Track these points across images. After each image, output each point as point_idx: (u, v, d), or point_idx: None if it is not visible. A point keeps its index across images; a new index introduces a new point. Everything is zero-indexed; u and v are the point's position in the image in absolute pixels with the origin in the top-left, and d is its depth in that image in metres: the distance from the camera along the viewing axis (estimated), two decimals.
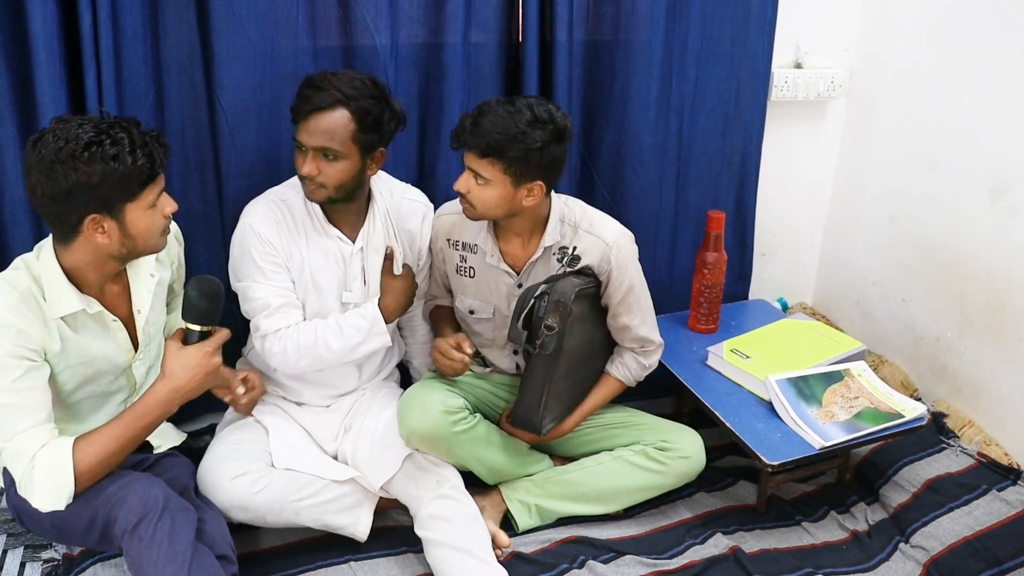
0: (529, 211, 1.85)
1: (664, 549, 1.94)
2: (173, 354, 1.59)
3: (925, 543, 1.93)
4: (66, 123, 1.48)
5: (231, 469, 1.79)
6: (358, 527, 1.88)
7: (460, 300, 2.01)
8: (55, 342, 1.57)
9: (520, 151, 1.71)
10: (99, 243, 1.54)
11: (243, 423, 1.95)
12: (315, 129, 1.75)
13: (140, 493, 1.56)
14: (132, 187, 1.51)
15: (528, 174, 1.75)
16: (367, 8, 2.04)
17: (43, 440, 1.53)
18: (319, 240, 1.90)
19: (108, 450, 1.56)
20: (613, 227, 1.92)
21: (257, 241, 1.85)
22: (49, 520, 1.62)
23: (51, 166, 1.45)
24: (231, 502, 1.77)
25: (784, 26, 2.41)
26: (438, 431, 1.84)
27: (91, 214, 1.50)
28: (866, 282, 2.65)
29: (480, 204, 1.79)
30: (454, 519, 1.81)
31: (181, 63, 1.98)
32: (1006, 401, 2.19)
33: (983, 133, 2.19)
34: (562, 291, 1.83)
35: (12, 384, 1.51)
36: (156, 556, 1.52)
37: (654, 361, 2.05)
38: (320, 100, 1.74)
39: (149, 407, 1.59)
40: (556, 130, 1.74)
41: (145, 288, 1.71)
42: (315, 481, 1.84)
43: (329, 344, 1.86)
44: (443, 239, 1.98)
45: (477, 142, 1.73)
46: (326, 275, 1.92)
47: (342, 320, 1.88)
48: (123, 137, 1.48)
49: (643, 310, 1.98)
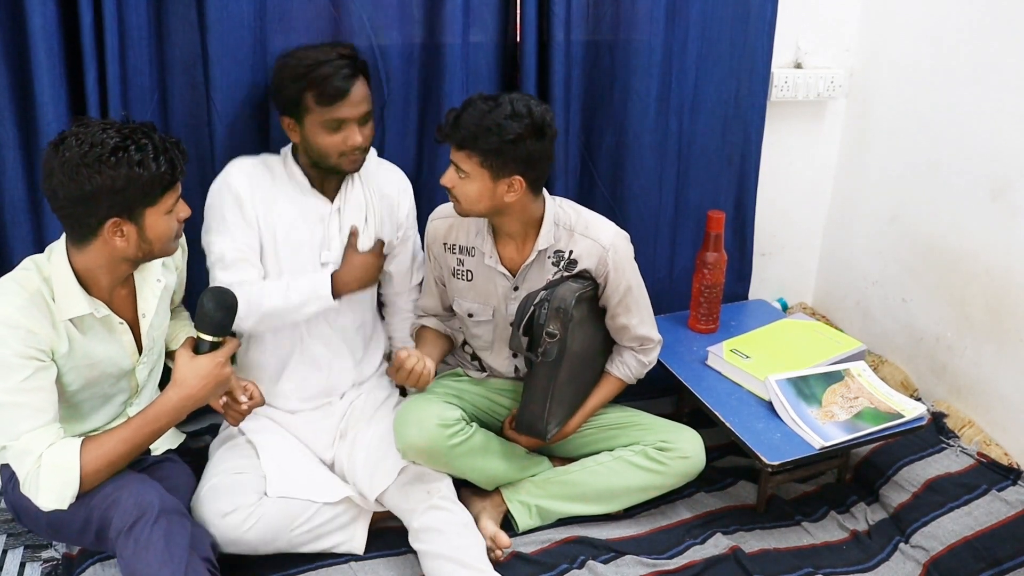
0: (517, 210, 1.84)
1: (664, 549, 1.94)
2: (185, 363, 1.62)
3: (925, 543, 1.93)
4: (88, 127, 1.50)
5: (222, 505, 1.76)
6: (354, 543, 1.88)
7: (458, 304, 2.01)
8: (63, 343, 1.58)
9: (494, 143, 1.72)
10: (117, 246, 1.55)
11: (236, 443, 1.93)
12: (358, 98, 1.82)
13: (135, 495, 1.57)
14: (154, 192, 1.54)
15: (505, 168, 1.75)
16: (363, 8, 2.04)
17: (50, 440, 1.54)
18: (298, 198, 1.92)
19: (116, 452, 1.58)
20: (609, 229, 1.92)
21: (228, 194, 1.86)
22: (46, 519, 1.63)
23: (76, 169, 1.46)
24: (223, 538, 1.75)
25: (784, 26, 2.41)
26: (435, 445, 1.84)
27: (112, 217, 1.52)
28: (866, 282, 2.65)
29: (463, 199, 1.80)
30: (446, 529, 1.81)
31: (184, 63, 1.99)
32: (1006, 401, 2.19)
33: (983, 133, 2.19)
34: (562, 297, 1.83)
35: (20, 384, 1.52)
36: (151, 558, 1.52)
37: (653, 358, 2.06)
38: (350, 69, 1.79)
39: (160, 413, 1.61)
40: (533, 124, 1.74)
41: (151, 293, 1.72)
42: (308, 507, 1.82)
43: (274, 301, 1.86)
44: (439, 243, 1.98)
45: (455, 134, 1.75)
46: (303, 233, 1.92)
47: (292, 282, 1.88)
48: (147, 143, 1.51)
49: (641, 309, 1.99)
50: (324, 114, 1.79)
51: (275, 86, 1.84)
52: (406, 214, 2.06)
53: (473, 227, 1.94)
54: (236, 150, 2.04)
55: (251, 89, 2.01)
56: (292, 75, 1.79)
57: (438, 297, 2.06)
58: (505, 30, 2.19)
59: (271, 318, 1.88)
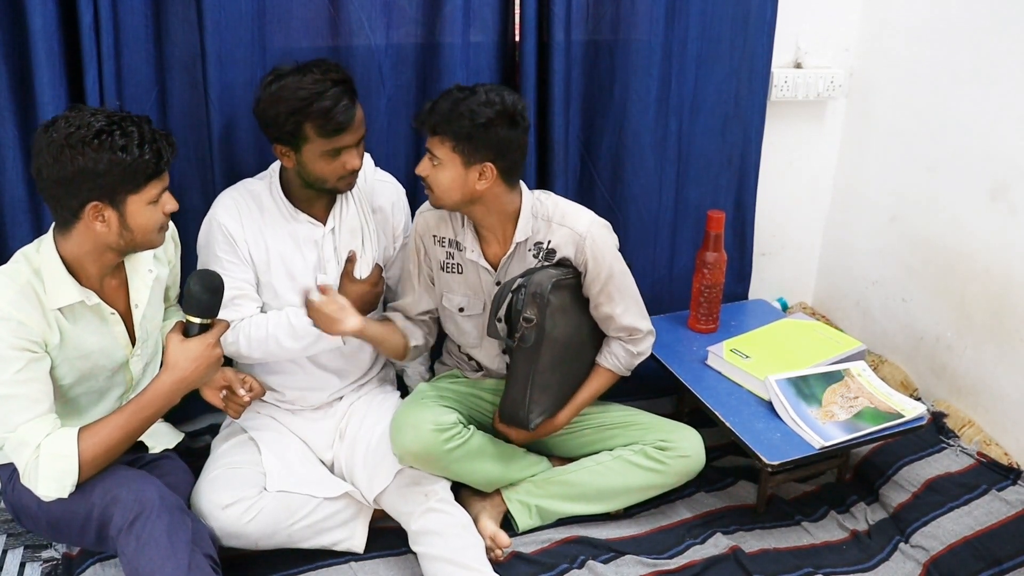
0: (491, 200, 1.84)
1: (664, 549, 1.94)
2: (175, 346, 1.62)
3: (925, 543, 1.93)
4: (80, 111, 1.52)
5: (222, 497, 1.77)
6: (354, 541, 1.88)
7: (448, 299, 2.00)
8: (54, 334, 1.59)
9: (466, 127, 1.74)
10: (98, 231, 1.56)
11: (237, 440, 1.94)
12: (358, 124, 1.81)
13: (135, 491, 1.57)
14: (136, 179, 1.54)
15: (476, 154, 1.77)
16: (362, 8, 2.04)
17: (47, 430, 1.55)
18: (288, 226, 1.91)
19: (112, 439, 1.59)
20: (586, 217, 1.92)
21: (219, 233, 1.87)
22: (46, 520, 1.63)
23: (60, 149, 1.48)
24: (223, 530, 1.76)
25: (784, 26, 2.41)
26: (431, 450, 1.84)
27: (92, 201, 1.52)
28: (866, 282, 2.65)
29: (436, 187, 1.81)
30: (444, 531, 1.81)
31: (183, 63, 1.99)
32: (1006, 401, 2.19)
33: (983, 133, 2.19)
34: (538, 282, 1.84)
35: (14, 376, 1.53)
36: (154, 553, 1.52)
37: (644, 348, 2.04)
38: (348, 99, 1.78)
39: (153, 398, 1.62)
40: (504, 110, 1.76)
41: (143, 283, 1.73)
42: (308, 502, 1.83)
43: (280, 341, 1.87)
44: (429, 235, 1.97)
45: (428, 119, 1.78)
46: (297, 260, 1.92)
47: (295, 319, 1.88)
48: (133, 130, 1.52)
49: (626, 299, 1.97)
50: (326, 144, 1.78)
51: (269, 119, 1.77)
52: (402, 226, 2.07)
53: (459, 221, 1.94)
54: (234, 149, 2.05)
55: (250, 89, 2.01)
56: (289, 109, 1.74)
57: (418, 298, 2.02)
58: (505, 30, 2.19)
59: (276, 356, 1.91)
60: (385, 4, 2.06)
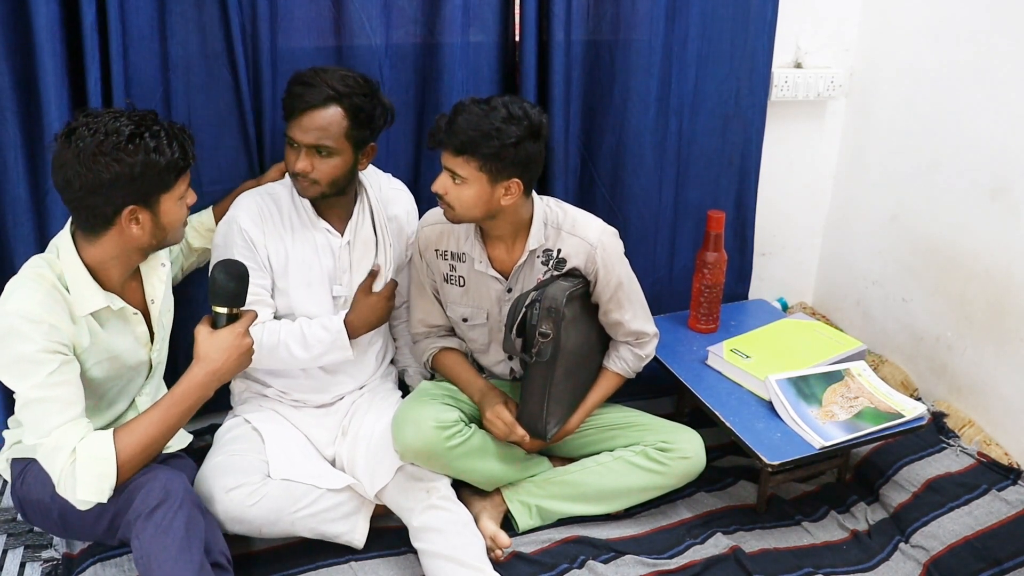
0: (509, 212, 1.84)
1: (664, 549, 1.94)
2: (205, 338, 1.60)
3: (925, 543, 1.93)
4: (96, 117, 1.51)
5: (227, 481, 1.78)
6: (355, 535, 1.88)
7: (452, 309, 2.00)
8: (84, 338, 1.58)
9: (495, 147, 1.71)
10: (133, 234, 1.56)
11: (241, 430, 1.94)
12: (309, 126, 1.77)
13: (163, 480, 1.56)
14: (168, 178, 1.55)
15: (504, 171, 1.75)
16: (363, 8, 2.04)
17: (81, 433, 1.52)
18: (308, 233, 1.91)
19: (149, 436, 1.56)
20: (596, 226, 1.92)
21: (239, 236, 1.86)
22: (58, 510, 1.61)
23: (93, 158, 1.47)
24: (227, 514, 1.76)
25: (784, 26, 2.41)
26: (432, 447, 1.84)
27: (129, 205, 1.53)
28: (866, 282, 2.65)
29: (458, 204, 1.78)
30: (445, 529, 1.81)
31: (187, 63, 1.98)
32: (1006, 401, 2.19)
33: (983, 133, 2.19)
34: (553, 296, 1.83)
35: (47, 379, 1.51)
36: (170, 543, 1.51)
37: (650, 351, 2.05)
38: (313, 97, 1.75)
39: (187, 391, 1.59)
40: (531, 126, 1.74)
41: (157, 278, 1.73)
42: (311, 491, 1.83)
43: (292, 351, 1.88)
44: (431, 250, 1.97)
45: (452, 140, 1.73)
46: (315, 268, 1.92)
47: (307, 329, 1.89)
48: (159, 129, 1.53)
49: (634, 304, 1.98)
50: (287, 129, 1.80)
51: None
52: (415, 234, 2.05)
53: (463, 233, 1.93)
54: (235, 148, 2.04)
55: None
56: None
57: (435, 302, 2.03)
58: (505, 30, 2.19)
59: (288, 364, 1.92)
60: (385, 4, 2.06)
